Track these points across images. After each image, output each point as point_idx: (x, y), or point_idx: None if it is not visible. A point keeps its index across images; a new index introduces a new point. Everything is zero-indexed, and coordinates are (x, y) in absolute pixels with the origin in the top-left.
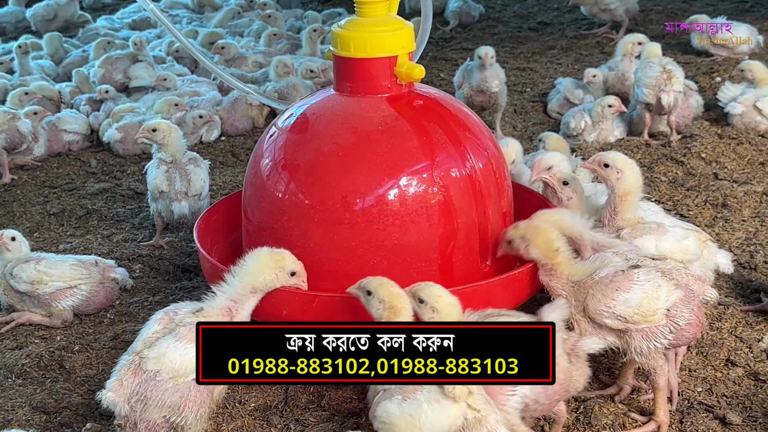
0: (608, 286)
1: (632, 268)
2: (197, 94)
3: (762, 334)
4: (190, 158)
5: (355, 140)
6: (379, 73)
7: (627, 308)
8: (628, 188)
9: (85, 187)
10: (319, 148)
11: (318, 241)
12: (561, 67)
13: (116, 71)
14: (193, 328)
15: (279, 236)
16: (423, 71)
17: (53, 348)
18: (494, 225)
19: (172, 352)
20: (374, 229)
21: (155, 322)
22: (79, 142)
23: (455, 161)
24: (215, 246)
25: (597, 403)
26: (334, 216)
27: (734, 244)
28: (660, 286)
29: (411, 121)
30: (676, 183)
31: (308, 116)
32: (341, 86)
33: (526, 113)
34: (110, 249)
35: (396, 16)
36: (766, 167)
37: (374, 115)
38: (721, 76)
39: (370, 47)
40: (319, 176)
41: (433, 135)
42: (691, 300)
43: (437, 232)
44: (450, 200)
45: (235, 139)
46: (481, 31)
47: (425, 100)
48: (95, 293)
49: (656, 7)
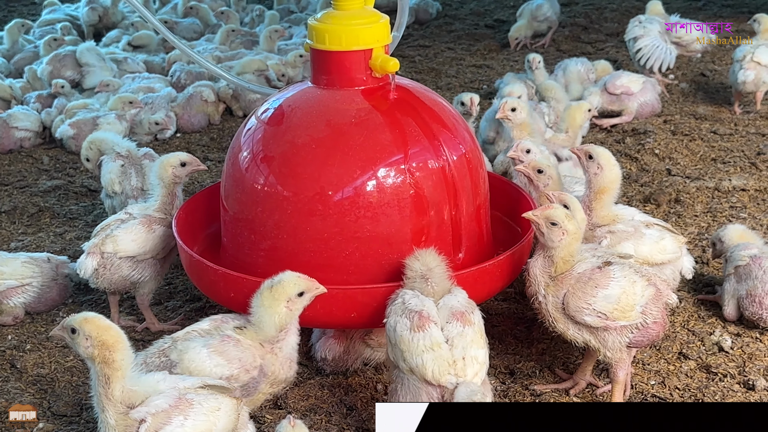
0: (587, 283)
1: (605, 265)
2: (151, 91)
3: (713, 327)
4: (145, 153)
5: (329, 133)
6: (354, 65)
7: (607, 304)
8: (604, 185)
9: (37, 184)
10: (293, 140)
11: (291, 232)
12: (517, 64)
13: (65, 68)
14: (226, 341)
15: (254, 227)
16: (397, 64)
17: (4, 347)
18: (468, 217)
19: (194, 354)
20: (346, 221)
21: (209, 320)
22: (31, 139)
23: (428, 154)
24: (194, 238)
25: (552, 397)
26: (307, 207)
27: (687, 239)
28: (635, 281)
29: (385, 114)
30: (630, 179)
31: (284, 108)
32: (317, 79)
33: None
34: (63, 246)
35: (372, 10)
36: (717, 163)
37: (348, 108)
38: (674, 73)
39: (345, 40)
40: (293, 168)
41: (407, 128)
42: (659, 299)
43: (409, 224)
44: (422, 193)
45: (190, 135)
46: (438, 28)
47: (401, 93)
48: (47, 290)
49: (611, 5)
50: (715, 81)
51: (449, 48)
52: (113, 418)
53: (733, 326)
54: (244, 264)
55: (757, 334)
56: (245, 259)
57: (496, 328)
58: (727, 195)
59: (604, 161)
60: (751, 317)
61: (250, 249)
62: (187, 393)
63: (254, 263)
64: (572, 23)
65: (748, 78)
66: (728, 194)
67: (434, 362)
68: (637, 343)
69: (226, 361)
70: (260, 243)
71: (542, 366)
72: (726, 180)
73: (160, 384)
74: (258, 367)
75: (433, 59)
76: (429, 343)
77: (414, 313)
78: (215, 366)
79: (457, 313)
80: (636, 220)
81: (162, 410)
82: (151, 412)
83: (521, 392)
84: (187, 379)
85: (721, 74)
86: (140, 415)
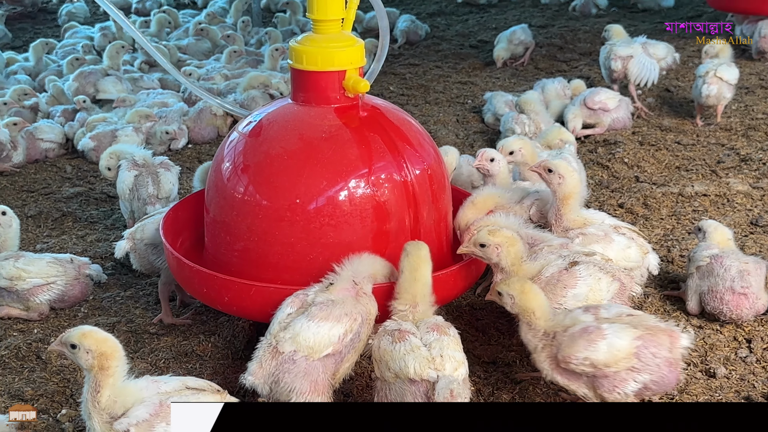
0: (556, 285)
1: (572, 265)
2: (165, 105)
3: (678, 320)
4: (161, 162)
5: (301, 146)
6: (328, 85)
7: (577, 302)
8: (568, 192)
9: (60, 191)
10: (267, 151)
11: (262, 236)
12: (499, 81)
13: (89, 85)
14: (324, 307)
15: (230, 229)
16: (368, 85)
17: (30, 340)
18: (427, 227)
19: (306, 331)
20: (311, 227)
21: (288, 305)
22: (55, 150)
23: (391, 169)
24: (180, 240)
25: (531, 384)
26: (276, 213)
27: (653, 240)
28: (600, 278)
29: (354, 130)
30: (602, 185)
31: (263, 122)
32: (296, 96)
33: (467, 123)
34: (84, 248)
35: (348, 34)
36: (681, 171)
37: (321, 124)
38: (642, 89)
39: (321, 61)
40: (266, 177)
41: (373, 144)
42: (624, 292)
43: (370, 233)
44: (383, 204)
45: (201, 146)
46: (427, 49)
47: (370, 112)
48: (70, 288)
49: (584, 27)
50: (679, 96)
51: (437, 66)
52: (99, 425)
53: (695, 319)
54: (221, 263)
55: (717, 327)
56: (222, 259)
57: (480, 321)
58: (690, 200)
59: (563, 170)
60: (712, 311)
61: (225, 249)
62: (168, 398)
63: (229, 262)
64: (549, 43)
65: (712, 92)
66: (691, 199)
67: (415, 360)
68: None
69: (336, 321)
70: (234, 244)
71: (522, 356)
72: (689, 186)
73: (142, 392)
74: (359, 312)
75: (422, 76)
76: (409, 347)
77: (394, 330)
78: (330, 330)
79: (433, 326)
80: (606, 224)
81: (144, 420)
82: (132, 423)
83: (503, 380)
84: (168, 382)
85: (684, 90)
86: (123, 428)
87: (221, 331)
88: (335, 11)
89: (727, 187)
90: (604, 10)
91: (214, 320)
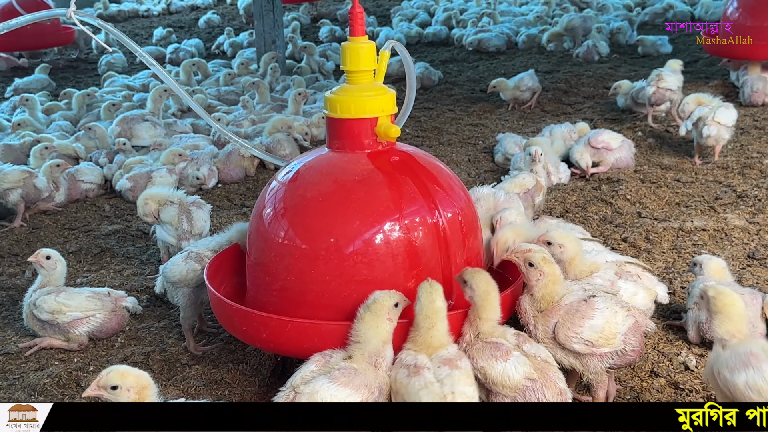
0: (574, 314)
1: (591, 297)
2: (197, 148)
3: (680, 349)
4: (194, 201)
5: (335, 188)
6: (361, 131)
7: (593, 333)
8: (571, 256)
9: (99, 228)
10: (304, 195)
11: (298, 274)
12: (508, 123)
13: (131, 129)
14: (346, 373)
15: (268, 269)
16: (398, 131)
17: (71, 369)
18: (458, 268)
19: (324, 391)
20: (345, 266)
21: (313, 362)
22: (95, 190)
23: (423, 211)
24: (223, 285)
25: None
26: (312, 253)
27: (655, 273)
28: (617, 312)
29: (386, 174)
30: (606, 221)
31: (300, 170)
32: (331, 143)
33: (479, 162)
34: (121, 282)
35: (380, 84)
36: (681, 207)
37: (354, 168)
38: (642, 130)
39: (354, 109)
40: (302, 218)
41: (405, 187)
42: (638, 329)
43: (402, 271)
44: (414, 244)
45: (230, 186)
46: (440, 93)
47: (402, 156)
48: (108, 320)
49: (587, 72)
50: (678, 136)
51: (450, 109)
52: None
53: (696, 348)
54: (261, 303)
55: None
56: (261, 299)
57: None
58: (690, 234)
59: (561, 240)
60: (712, 340)
61: (264, 290)
62: None
63: (268, 302)
64: (554, 87)
65: (712, 133)
66: (691, 234)
67: (428, 396)
68: (616, 366)
69: (354, 390)
70: (273, 284)
71: None
72: (689, 221)
73: None
74: (378, 386)
75: (436, 119)
76: (423, 383)
77: (411, 365)
78: (347, 397)
79: (446, 360)
80: (610, 272)
81: None
82: None
83: None
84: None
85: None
86: None
87: (248, 359)
88: (367, 63)
89: (725, 222)
90: (606, 57)
91: (242, 350)
